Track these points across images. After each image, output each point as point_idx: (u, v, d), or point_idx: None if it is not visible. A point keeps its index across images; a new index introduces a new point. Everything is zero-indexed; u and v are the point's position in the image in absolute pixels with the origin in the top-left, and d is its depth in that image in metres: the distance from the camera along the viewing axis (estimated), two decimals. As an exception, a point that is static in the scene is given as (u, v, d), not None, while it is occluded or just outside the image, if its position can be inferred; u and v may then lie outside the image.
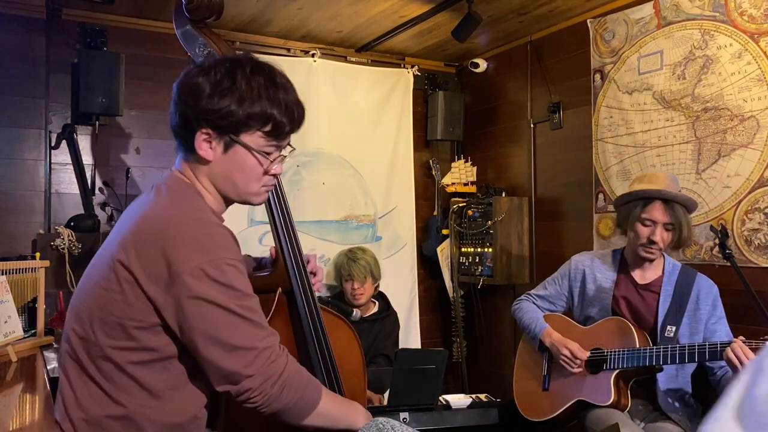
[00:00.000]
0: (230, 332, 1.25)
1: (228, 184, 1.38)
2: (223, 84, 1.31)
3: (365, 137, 4.28)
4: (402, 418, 2.54)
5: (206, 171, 1.38)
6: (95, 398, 1.30)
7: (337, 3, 3.50)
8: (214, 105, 1.31)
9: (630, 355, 2.36)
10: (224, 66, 1.34)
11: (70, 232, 3.20)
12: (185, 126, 1.35)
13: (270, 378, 1.27)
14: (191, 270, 1.22)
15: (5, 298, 2.12)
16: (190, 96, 1.33)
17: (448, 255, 4.35)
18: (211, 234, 1.29)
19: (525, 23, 3.84)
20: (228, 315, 1.25)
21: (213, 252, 1.25)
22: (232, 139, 1.33)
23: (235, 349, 1.25)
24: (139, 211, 1.34)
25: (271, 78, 1.36)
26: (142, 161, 3.72)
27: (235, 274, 1.27)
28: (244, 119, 1.32)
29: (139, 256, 1.25)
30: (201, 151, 1.34)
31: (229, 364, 1.25)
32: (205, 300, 1.23)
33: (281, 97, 1.35)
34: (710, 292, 2.45)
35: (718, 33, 2.95)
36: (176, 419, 1.33)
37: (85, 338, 1.31)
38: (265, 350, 1.27)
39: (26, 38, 3.38)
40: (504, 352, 4.19)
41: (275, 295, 1.55)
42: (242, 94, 1.31)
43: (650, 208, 2.37)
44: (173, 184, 1.38)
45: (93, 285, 1.33)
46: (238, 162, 1.35)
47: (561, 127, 3.84)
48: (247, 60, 1.37)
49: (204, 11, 1.66)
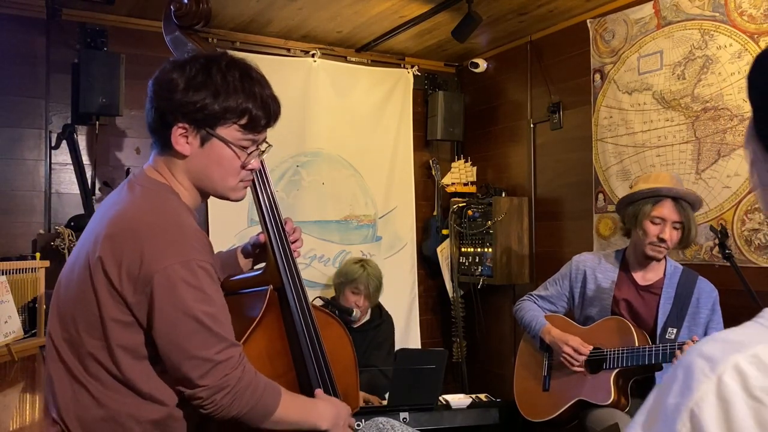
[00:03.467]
0: (190, 340, 1.25)
1: (205, 179, 1.39)
2: (197, 78, 1.32)
3: (365, 137, 4.28)
4: (402, 418, 2.54)
5: (183, 166, 1.37)
6: (81, 402, 1.30)
7: (337, 3, 3.50)
8: (190, 98, 1.31)
9: (629, 354, 2.36)
10: (199, 62, 1.35)
11: (70, 232, 3.20)
12: (161, 121, 1.35)
13: (222, 390, 1.27)
14: (162, 270, 1.22)
15: (5, 298, 2.12)
16: (165, 90, 1.33)
17: (448, 255, 4.35)
18: (184, 235, 1.29)
19: (525, 23, 3.85)
20: (191, 322, 1.24)
21: (185, 253, 1.26)
22: (208, 132, 1.34)
23: (192, 357, 1.25)
24: (112, 210, 1.34)
25: (247, 72, 1.37)
26: (142, 161, 3.71)
27: (206, 278, 1.27)
28: (221, 112, 1.32)
29: (113, 254, 1.26)
30: (178, 146, 1.34)
31: (185, 371, 1.25)
32: (172, 302, 1.23)
33: (257, 90, 1.36)
34: (710, 296, 2.45)
35: (718, 33, 2.95)
36: (162, 417, 1.33)
37: (70, 340, 1.31)
38: (220, 363, 1.26)
39: (26, 38, 3.38)
40: (504, 352, 4.19)
41: (266, 292, 1.55)
42: (217, 88, 1.32)
43: (660, 206, 2.37)
44: (146, 182, 1.38)
45: (73, 286, 1.33)
46: (215, 156, 1.36)
47: (561, 127, 3.84)
48: (222, 56, 1.38)
49: (192, 18, 1.67)
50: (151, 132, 1.40)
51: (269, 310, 1.55)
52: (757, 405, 0.57)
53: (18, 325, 2.15)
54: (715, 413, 0.57)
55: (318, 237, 4.08)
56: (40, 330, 2.32)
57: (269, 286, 1.57)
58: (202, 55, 1.38)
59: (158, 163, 1.40)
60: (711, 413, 0.58)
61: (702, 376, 0.59)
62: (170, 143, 1.34)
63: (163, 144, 1.38)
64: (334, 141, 4.13)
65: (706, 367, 0.60)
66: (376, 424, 1.51)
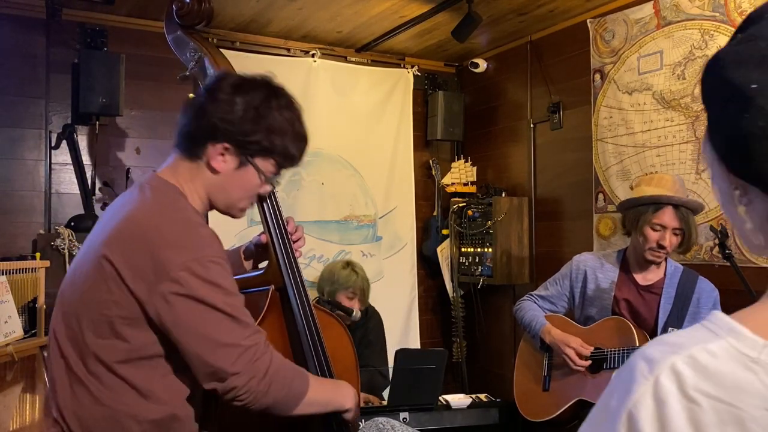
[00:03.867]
0: (215, 329, 1.26)
1: (222, 196, 1.43)
2: (257, 109, 1.37)
3: (365, 137, 4.28)
4: (402, 418, 2.54)
5: (206, 178, 1.40)
6: (81, 400, 1.30)
7: (337, 3, 3.50)
8: (245, 126, 1.36)
9: (630, 354, 2.36)
10: (261, 91, 1.40)
11: (70, 232, 3.20)
12: (204, 133, 1.38)
13: (256, 375, 1.28)
14: (177, 268, 1.24)
15: (5, 298, 2.12)
16: (221, 109, 1.37)
17: (448, 255, 4.35)
18: (195, 233, 1.32)
19: (525, 23, 3.85)
20: (213, 312, 1.26)
21: (198, 250, 1.28)
22: (248, 159, 1.39)
23: (220, 346, 1.26)
24: (123, 210, 1.35)
25: (299, 116, 1.45)
26: (142, 161, 3.72)
27: (220, 272, 1.29)
28: (268, 148, 1.39)
29: (123, 254, 1.27)
30: (213, 161, 1.38)
31: (215, 361, 1.26)
32: (191, 297, 1.25)
33: (302, 133, 1.45)
34: (711, 296, 2.45)
35: (718, 33, 2.95)
36: (162, 417, 1.33)
37: (74, 338, 1.32)
38: (250, 348, 1.28)
39: (26, 38, 3.38)
40: (504, 352, 4.19)
41: (268, 292, 1.55)
42: (273, 125, 1.38)
43: (661, 214, 2.36)
44: (157, 184, 1.40)
45: (79, 284, 1.34)
46: (243, 180, 1.41)
47: (561, 127, 3.84)
48: (280, 91, 1.44)
49: (194, 17, 1.68)
50: (184, 136, 1.41)
51: (271, 310, 1.55)
52: (691, 405, 0.57)
53: (18, 325, 2.15)
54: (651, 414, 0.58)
55: (318, 237, 4.08)
56: (40, 330, 2.32)
57: (271, 286, 1.57)
58: (263, 83, 1.43)
59: (178, 166, 1.42)
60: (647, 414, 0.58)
61: (641, 377, 0.60)
62: (203, 155, 1.38)
63: (193, 152, 1.40)
64: (334, 141, 4.13)
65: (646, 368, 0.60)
66: (376, 424, 1.51)
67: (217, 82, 1.42)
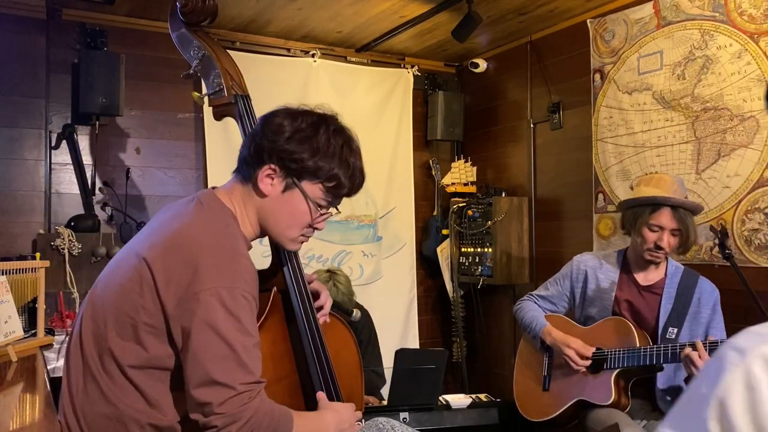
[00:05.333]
0: (217, 365, 1.24)
1: (272, 222, 1.45)
2: (304, 132, 1.40)
3: (365, 137, 4.20)
4: (402, 418, 2.54)
5: (257, 203, 1.43)
6: (90, 395, 1.33)
7: (337, 3, 3.50)
8: (290, 146, 1.39)
9: (630, 355, 2.36)
10: (311, 117, 1.43)
11: (70, 232, 3.20)
12: (256, 156, 1.41)
13: (237, 421, 1.25)
14: (208, 290, 1.25)
15: (5, 298, 2.12)
16: (271, 131, 1.41)
17: (448, 255, 4.35)
18: (236, 263, 1.32)
19: (525, 23, 3.85)
20: (222, 346, 1.25)
21: (233, 280, 1.28)
22: (294, 182, 1.41)
23: (214, 382, 1.24)
24: (175, 222, 1.38)
25: (348, 142, 1.46)
26: (142, 161, 3.72)
27: (246, 307, 1.29)
28: (313, 169, 1.40)
29: (164, 263, 1.29)
30: (261, 183, 1.40)
31: (204, 395, 1.24)
32: (208, 323, 1.25)
33: (351, 161, 1.45)
34: (711, 296, 2.45)
35: (718, 33, 2.95)
36: (163, 427, 1.34)
37: (97, 333, 1.34)
38: (242, 393, 1.26)
39: (26, 38, 3.38)
40: (504, 352, 4.19)
41: (270, 293, 1.55)
42: (319, 147, 1.40)
43: (658, 215, 2.36)
44: (213, 203, 1.42)
45: (114, 283, 1.36)
46: (291, 205, 1.43)
47: (561, 127, 3.84)
48: (332, 119, 1.47)
49: (198, 14, 1.67)
50: (242, 162, 1.45)
51: (272, 312, 1.55)
52: None
53: (18, 325, 2.14)
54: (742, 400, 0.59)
55: (318, 237, 4.08)
56: (40, 330, 2.31)
57: (273, 288, 1.57)
58: (315, 113, 1.46)
59: (234, 190, 1.46)
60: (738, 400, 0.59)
61: (731, 365, 0.61)
62: (254, 178, 1.41)
63: (248, 176, 1.43)
64: (334, 141, 4.12)
65: (736, 357, 0.62)
66: (376, 424, 1.51)
67: (272, 111, 1.46)
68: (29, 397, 1.66)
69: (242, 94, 1.70)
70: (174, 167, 3.80)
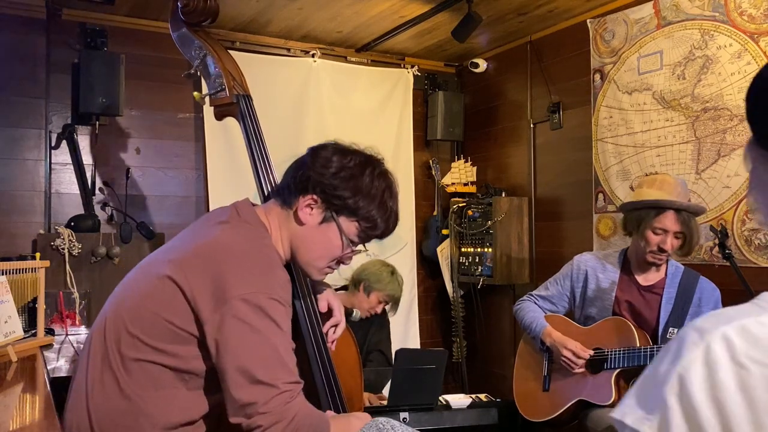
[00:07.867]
0: (260, 364, 1.27)
1: (303, 250, 1.48)
2: (351, 170, 1.46)
3: (365, 137, 4.20)
4: (402, 418, 2.54)
5: (293, 229, 1.47)
6: (106, 388, 1.34)
7: (337, 3, 3.50)
8: (335, 181, 1.44)
9: (630, 355, 2.36)
10: (359, 157, 1.50)
11: (70, 232, 3.20)
12: (301, 185, 1.46)
13: (282, 420, 1.27)
14: (244, 295, 1.28)
15: (5, 298, 2.12)
16: (319, 164, 1.46)
17: (448, 255, 4.35)
18: (272, 272, 1.37)
19: (525, 23, 3.85)
20: (264, 346, 1.28)
21: (269, 286, 1.32)
22: (333, 216, 1.45)
23: (258, 382, 1.26)
24: (216, 228, 1.42)
25: (390, 187, 1.51)
26: (142, 161, 3.72)
27: (281, 311, 1.32)
28: (353, 207, 1.45)
29: (204, 267, 1.32)
30: (300, 211, 1.45)
31: (248, 396, 1.26)
32: (248, 324, 1.27)
33: (390, 205, 1.50)
34: (712, 296, 2.45)
35: (718, 33, 2.95)
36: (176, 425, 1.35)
37: (121, 327, 1.36)
38: (284, 393, 1.28)
39: (26, 38, 3.38)
40: (504, 352, 4.19)
41: None
42: (362, 187, 1.45)
43: (662, 218, 2.36)
44: (251, 218, 1.47)
45: (147, 279, 1.38)
46: (325, 237, 1.46)
47: (561, 127, 3.84)
48: (378, 162, 1.53)
49: (199, 15, 1.67)
50: (284, 187, 1.50)
51: None
52: (741, 370, 0.61)
53: (18, 325, 2.14)
54: (701, 376, 0.62)
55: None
56: (40, 330, 2.31)
57: None
58: (364, 153, 1.53)
59: (272, 210, 1.50)
60: (697, 377, 0.62)
61: (691, 344, 0.64)
62: (293, 204, 1.46)
63: (289, 202, 1.48)
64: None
65: (696, 336, 0.65)
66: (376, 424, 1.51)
67: (323, 144, 1.52)
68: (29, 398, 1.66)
69: (244, 93, 1.70)
70: (174, 167, 3.80)
